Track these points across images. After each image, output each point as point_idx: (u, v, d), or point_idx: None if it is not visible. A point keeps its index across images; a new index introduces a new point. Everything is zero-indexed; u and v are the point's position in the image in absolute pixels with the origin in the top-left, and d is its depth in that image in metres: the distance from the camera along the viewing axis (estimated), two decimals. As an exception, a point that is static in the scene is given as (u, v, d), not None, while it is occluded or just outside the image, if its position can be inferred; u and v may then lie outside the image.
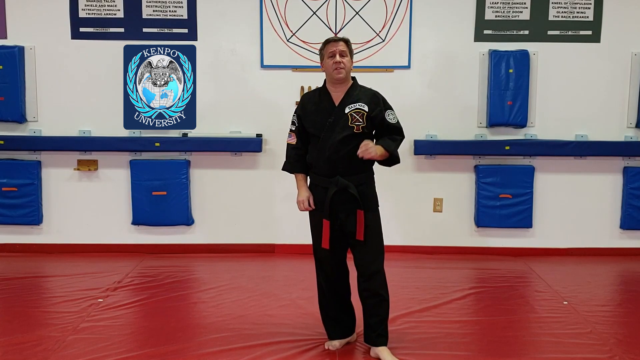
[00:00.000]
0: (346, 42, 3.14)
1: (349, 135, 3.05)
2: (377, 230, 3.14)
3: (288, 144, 3.26)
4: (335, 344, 3.25)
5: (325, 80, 3.22)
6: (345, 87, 3.15)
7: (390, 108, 3.18)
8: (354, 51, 3.37)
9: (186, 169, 5.04)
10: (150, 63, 4.99)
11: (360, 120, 3.06)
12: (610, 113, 5.04)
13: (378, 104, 3.12)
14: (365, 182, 3.12)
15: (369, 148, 3.00)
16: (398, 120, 3.17)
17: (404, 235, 5.13)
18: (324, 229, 3.07)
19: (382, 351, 3.13)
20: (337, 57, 3.07)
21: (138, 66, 4.99)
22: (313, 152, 3.15)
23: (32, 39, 4.96)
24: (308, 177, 3.25)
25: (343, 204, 3.07)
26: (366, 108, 3.08)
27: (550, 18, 4.98)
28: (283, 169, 3.32)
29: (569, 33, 4.99)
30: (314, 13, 4.97)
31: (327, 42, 3.16)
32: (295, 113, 3.24)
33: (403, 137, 3.20)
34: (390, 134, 3.15)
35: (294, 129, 3.23)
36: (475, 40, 5.00)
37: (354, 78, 3.20)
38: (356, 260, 3.14)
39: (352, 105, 3.08)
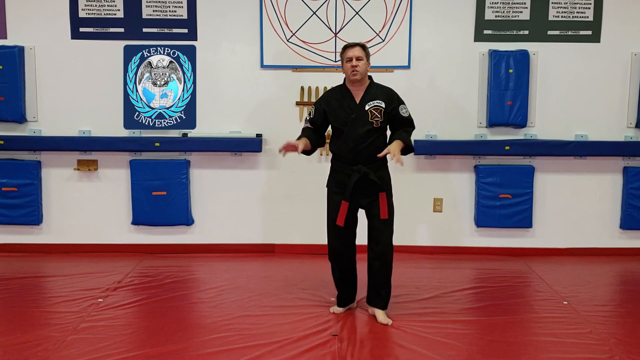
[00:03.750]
0: (362, 47, 3.57)
1: (369, 129, 3.53)
2: (392, 208, 3.69)
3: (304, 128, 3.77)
4: (339, 309, 3.76)
5: (345, 79, 3.64)
6: (364, 86, 3.59)
7: (403, 103, 3.64)
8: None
9: (186, 169, 5.04)
10: (150, 63, 5.00)
11: (379, 116, 3.54)
12: (610, 113, 5.04)
13: (393, 100, 3.60)
14: (382, 168, 3.62)
15: (397, 156, 3.44)
16: (410, 114, 3.66)
17: (404, 235, 5.13)
18: (342, 209, 3.55)
19: (379, 313, 3.66)
20: (354, 62, 3.51)
21: (138, 66, 4.99)
22: (337, 143, 3.62)
23: (32, 39, 4.96)
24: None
25: (364, 188, 3.54)
26: (383, 105, 3.55)
27: (550, 18, 4.98)
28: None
29: (569, 33, 4.99)
30: (314, 13, 4.97)
31: (345, 47, 3.60)
32: (314, 105, 3.72)
33: (414, 127, 3.70)
34: (402, 127, 3.64)
35: (308, 118, 3.73)
36: (475, 40, 5.00)
37: (370, 77, 3.63)
38: (374, 232, 3.64)
39: (371, 102, 3.55)
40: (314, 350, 3.20)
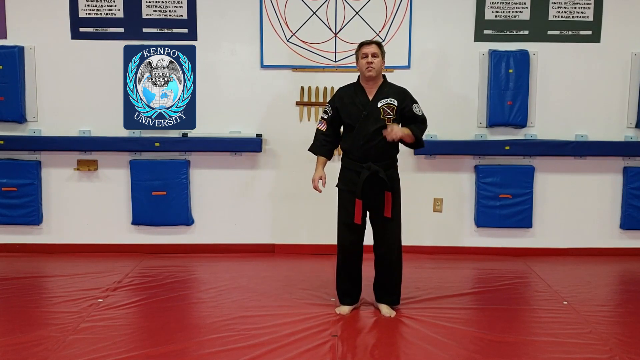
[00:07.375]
0: (378, 44, 3.60)
1: (381, 127, 3.54)
2: (399, 209, 3.70)
3: (318, 130, 3.74)
4: (345, 309, 3.73)
5: (359, 77, 3.67)
6: (377, 84, 3.62)
7: (416, 102, 3.67)
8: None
9: (186, 169, 5.04)
10: (150, 63, 5.00)
11: (391, 113, 3.57)
12: (610, 113, 5.04)
13: (406, 98, 3.63)
14: (391, 167, 3.65)
15: (394, 130, 3.48)
16: (423, 113, 3.67)
17: (404, 235, 5.06)
18: (357, 206, 3.57)
19: (383, 306, 3.75)
20: (369, 58, 3.54)
21: (138, 66, 4.99)
22: (348, 140, 3.64)
23: (32, 39, 4.96)
24: (327, 163, 3.77)
25: (373, 186, 3.56)
26: (396, 103, 3.58)
27: (550, 18, 4.98)
28: (309, 150, 3.78)
29: (569, 33, 4.99)
30: (314, 13, 4.97)
31: (361, 45, 3.62)
32: (329, 103, 3.71)
33: (426, 126, 3.71)
34: (416, 124, 3.62)
35: (326, 117, 3.70)
36: (475, 40, 5.00)
37: (384, 76, 3.67)
38: (379, 232, 3.68)
39: (384, 100, 3.57)
40: (314, 350, 3.19)
